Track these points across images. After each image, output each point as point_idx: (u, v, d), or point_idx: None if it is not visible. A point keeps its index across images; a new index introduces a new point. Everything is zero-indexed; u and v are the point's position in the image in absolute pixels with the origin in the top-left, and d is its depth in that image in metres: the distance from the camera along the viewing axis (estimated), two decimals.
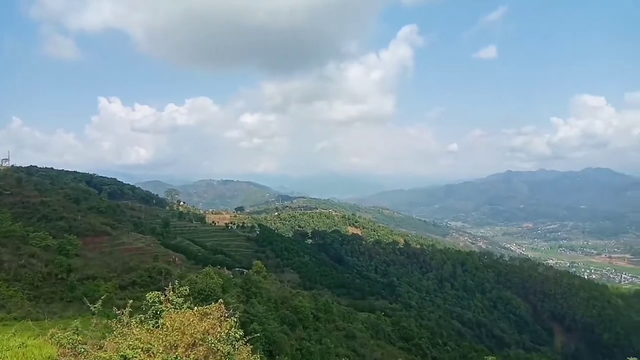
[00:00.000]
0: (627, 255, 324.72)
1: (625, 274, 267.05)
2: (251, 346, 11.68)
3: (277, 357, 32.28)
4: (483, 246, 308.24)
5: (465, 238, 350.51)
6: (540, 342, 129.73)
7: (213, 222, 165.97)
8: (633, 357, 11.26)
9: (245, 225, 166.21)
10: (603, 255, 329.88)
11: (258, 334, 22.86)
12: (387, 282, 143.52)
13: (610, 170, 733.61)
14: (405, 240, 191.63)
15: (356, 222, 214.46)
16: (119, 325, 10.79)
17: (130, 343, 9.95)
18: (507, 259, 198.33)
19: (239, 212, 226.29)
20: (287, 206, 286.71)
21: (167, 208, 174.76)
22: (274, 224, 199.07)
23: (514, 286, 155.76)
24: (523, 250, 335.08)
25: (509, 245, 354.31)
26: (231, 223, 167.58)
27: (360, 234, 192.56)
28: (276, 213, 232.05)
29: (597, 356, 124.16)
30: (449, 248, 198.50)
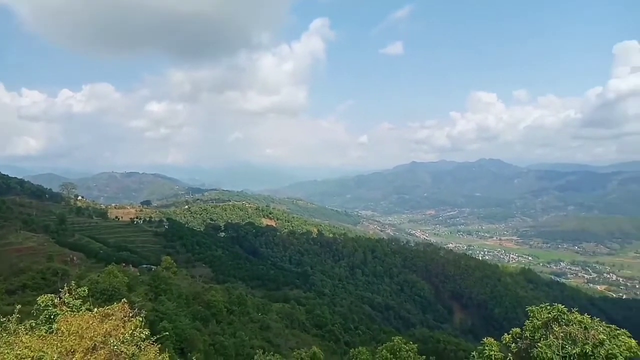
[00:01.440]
0: (514, 237, 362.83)
1: (512, 254, 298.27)
2: (159, 345, 11.18)
3: (189, 354, 31.23)
4: (391, 233, 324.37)
5: (375, 226, 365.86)
6: (441, 320, 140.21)
7: (116, 217, 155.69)
8: (517, 327, 12.54)
9: (152, 219, 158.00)
10: (494, 238, 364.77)
11: (167, 333, 21.95)
12: (302, 271, 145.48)
13: (501, 160, 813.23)
14: (318, 230, 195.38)
15: (270, 214, 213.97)
16: (4, 334, 9.79)
17: (19, 352, 9.04)
18: (412, 245, 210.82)
19: (145, 206, 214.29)
20: (198, 199, 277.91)
21: (63, 203, 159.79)
22: (184, 217, 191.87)
23: (419, 270, 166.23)
24: (426, 236, 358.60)
25: (414, 232, 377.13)
26: (137, 218, 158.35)
27: (274, 226, 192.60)
28: (186, 206, 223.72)
29: (489, 329, 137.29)
30: (360, 236, 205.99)
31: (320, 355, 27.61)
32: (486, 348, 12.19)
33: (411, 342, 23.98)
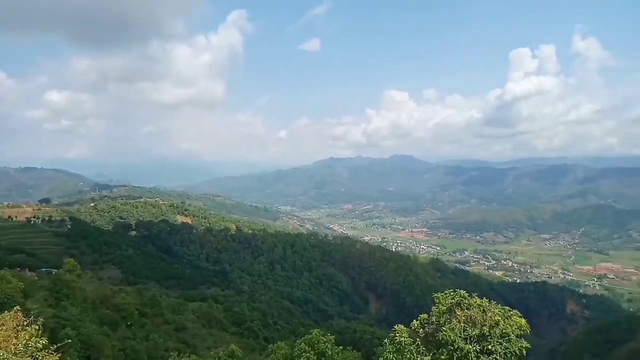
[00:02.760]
0: (424, 229, 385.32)
1: (423, 245, 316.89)
2: (60, 354, 10.35)
3: None
4: (310, 228, 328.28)
5: (294, 221, 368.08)
6: (358, 310, 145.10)
7: (10, 217, 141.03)
8: (426, 313, 13.37)
9: (53, 219, 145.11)
10: (407, 230, 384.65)
11: (70, 340, 20.37)
12: (219, 269, 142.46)
13: (412, 157, 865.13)
14: (237, 227, 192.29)
15: (186, 211, 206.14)
16: None
17: None
18: (330, 239, 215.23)
19: (44, 204, 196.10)
20: (105, 196, 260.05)
21: None
22: (90, 216, 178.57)
23: (337, 262, 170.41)
24: (344, 230, 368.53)
25: (332, 226, 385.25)
26: (34, 217, 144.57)
27: (190, 223, 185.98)
28: (92, 204, 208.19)
29: (402, 316, 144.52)
30: (279, 231, 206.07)
31: (238, 353, 27.26)
32: (397, 335, 12.85)
33: (329, 334, 24.47)
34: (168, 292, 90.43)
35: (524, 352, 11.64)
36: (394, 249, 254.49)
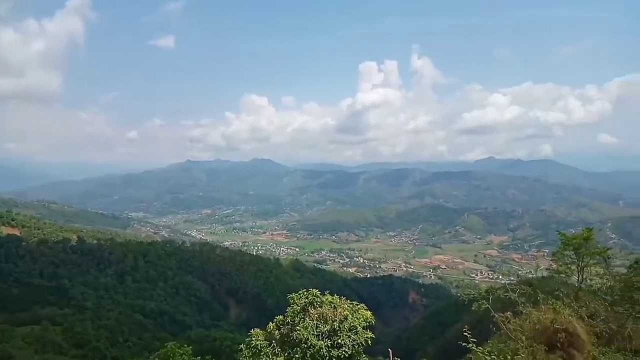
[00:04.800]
0: (284, 232, 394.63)
1: (283, 247, 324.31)
2: None
3: None
4: (166, 235, 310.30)
5: (148, 228, 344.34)
6: (218, 317, 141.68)
7: None
8: (281, 315, 13.83)
9: None
10: (267, 233, 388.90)
11: None
12: (57, 285, 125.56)
13: (272, 160, 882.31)
14: (78, 237, 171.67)
15: (13, 220, 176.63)
16: None
17: None
18: (188, 245, 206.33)
19: None
20: None
21: None
22: None
23: (195, 270, 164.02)
24: (203, 235, 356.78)
25: (190, 232, 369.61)
26: None
27: (19, 234, 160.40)
28: None
29: (263, 319, 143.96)
30: (130, 240, 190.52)
31: None
32: (253, 339, 13.03)
33: (186, 345, 23.60)
34: None
35: (369, 342, 12.73)
36: (254, 253, 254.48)
